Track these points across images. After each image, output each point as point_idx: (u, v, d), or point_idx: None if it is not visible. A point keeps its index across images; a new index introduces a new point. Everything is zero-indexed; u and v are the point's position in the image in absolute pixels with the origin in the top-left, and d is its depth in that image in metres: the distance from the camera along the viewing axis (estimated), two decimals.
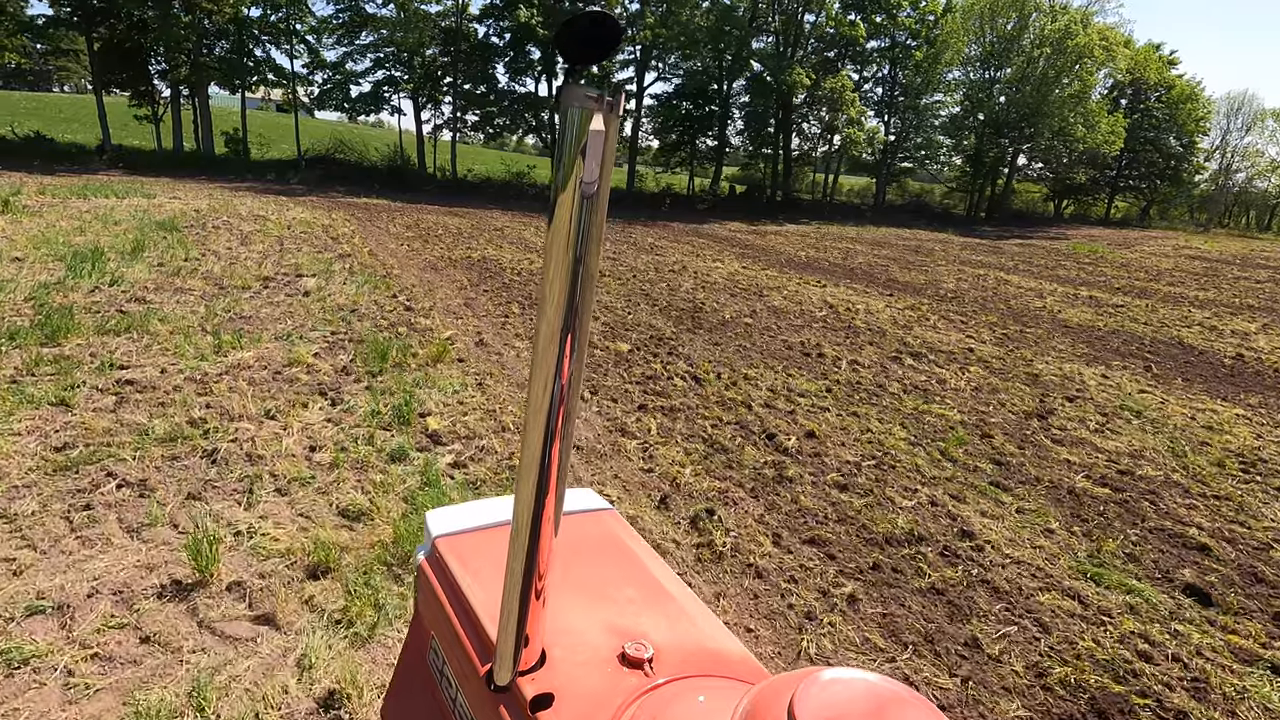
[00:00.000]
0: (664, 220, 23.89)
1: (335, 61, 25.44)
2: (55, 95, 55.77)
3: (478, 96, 26.35)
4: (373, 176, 25.41)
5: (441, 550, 1.24)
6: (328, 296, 7.18)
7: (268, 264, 8.52)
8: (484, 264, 10.63)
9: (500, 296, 8.34)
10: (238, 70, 24.12)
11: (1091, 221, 38.98)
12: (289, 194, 19.78)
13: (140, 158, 23.47)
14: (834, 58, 30.36)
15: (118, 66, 23.81)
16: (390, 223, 15.09)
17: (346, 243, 11.15)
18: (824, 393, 5.88)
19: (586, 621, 1.07)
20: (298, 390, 4.52)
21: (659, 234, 18.47)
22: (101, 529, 2.81)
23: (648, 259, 13.12)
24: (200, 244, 9.51)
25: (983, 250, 22.28)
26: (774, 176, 32.14)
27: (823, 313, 9.47)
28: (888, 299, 10.98)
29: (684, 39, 25.00)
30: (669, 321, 7.95)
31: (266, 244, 10.11)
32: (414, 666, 1.33)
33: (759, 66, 29.00)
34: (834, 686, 0.68)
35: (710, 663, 1.01)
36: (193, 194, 16.80)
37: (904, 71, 31.11)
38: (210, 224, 11.54)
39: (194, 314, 6.01)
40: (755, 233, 22.54)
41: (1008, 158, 34.13)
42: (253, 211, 13.94)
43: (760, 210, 30.28)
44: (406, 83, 24.87)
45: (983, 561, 3.42)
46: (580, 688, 0.94)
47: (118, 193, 14.94)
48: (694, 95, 28.93)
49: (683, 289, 10.18)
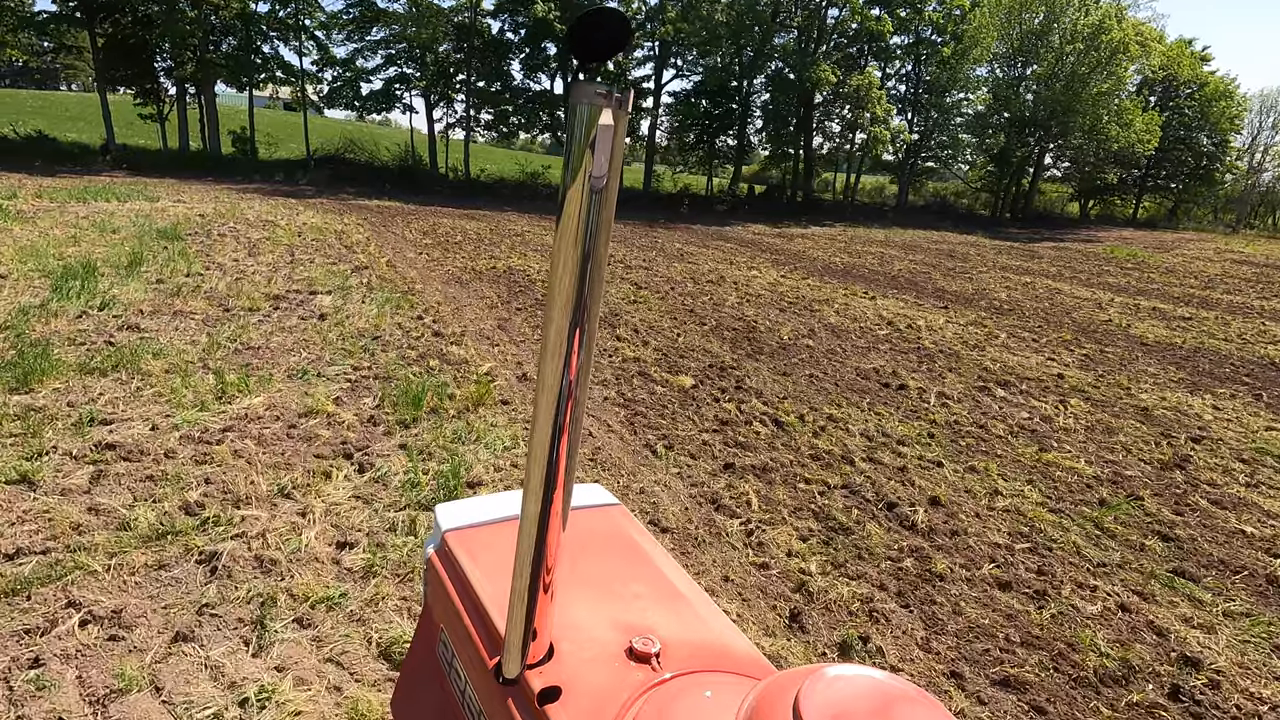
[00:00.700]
0: (684, 222, 23.03)
1: (345, 58, 24.65)
2: (62, 94, 55.27)
3: (491, 94, 25.50)
4: (383, 177, 24.63)
5: (451, 544, 1.24)
6: (346, 319, 6.36)
7: (278, 279, 7.71)
8: (511, 276, 9.80)
9: (536, 316, 7.51)
10: (245, 67, 23.36)
11: (1119, 222, 37.90)
12: (298, 196, 19.00)
13: (145, 158, 22.74)
14: (855, 54, 29.42)
15: (122, 63, 23.08)
16: (406, 228, 14.28)
17: (362, 252, 10.34)
18: (926, 438, 5.03)
19: (594, 616, 1.07)
20: (318, 451, 3.69)
21: (684, 238, 17.61)
22: (51, 703, 1.98)
23: (681, 268, 12.27)
24: (204, 255, 8.71)
25: (1018, 254, 21.37)
26: (794, 177, 31.21)
27: (884, 330, 8.61)
28: (944, 313, 10.12)
29: (705, 34, 24.10)
30: (725, 345, 7.10)
31: (276, 254, 9.30)
32: (423, 659, 1.32)
33: (781, 63, 28.09)
34: (839, 683, 0.68)
35: (717, 658, 1.01)
36: (198, 196, 16.04)
37: (929, 68, 30.13)
38: (215, 231, 10.75)
39: (194, 345, 5.19)
40: (781, 236, 21.66)
41: (1034, 157, 33.11)
42: (261, 216, 13.16)
43: (781, 211, 29.37)
44: (419, 80, 24.05)
45: (1228, 709, 2.57)
46: (587, 682, 0.94)
47: (119, 196, 14.18)
48: (713, 93, 28.03)
49: (728, 304, 9.33)
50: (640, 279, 10.63)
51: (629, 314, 8.08)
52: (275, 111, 56.47)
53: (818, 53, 26.82)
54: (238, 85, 24.24)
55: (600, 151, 0.67)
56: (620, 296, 9.12)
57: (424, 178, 25.46)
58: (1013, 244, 25.04)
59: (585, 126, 0.66)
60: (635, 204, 27.45)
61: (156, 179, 19.77)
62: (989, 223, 33.79)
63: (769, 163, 31.43)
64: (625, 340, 6.85)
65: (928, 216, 32.74)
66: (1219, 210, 44.61)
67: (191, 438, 3.69)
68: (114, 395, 4.12)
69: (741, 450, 4.45)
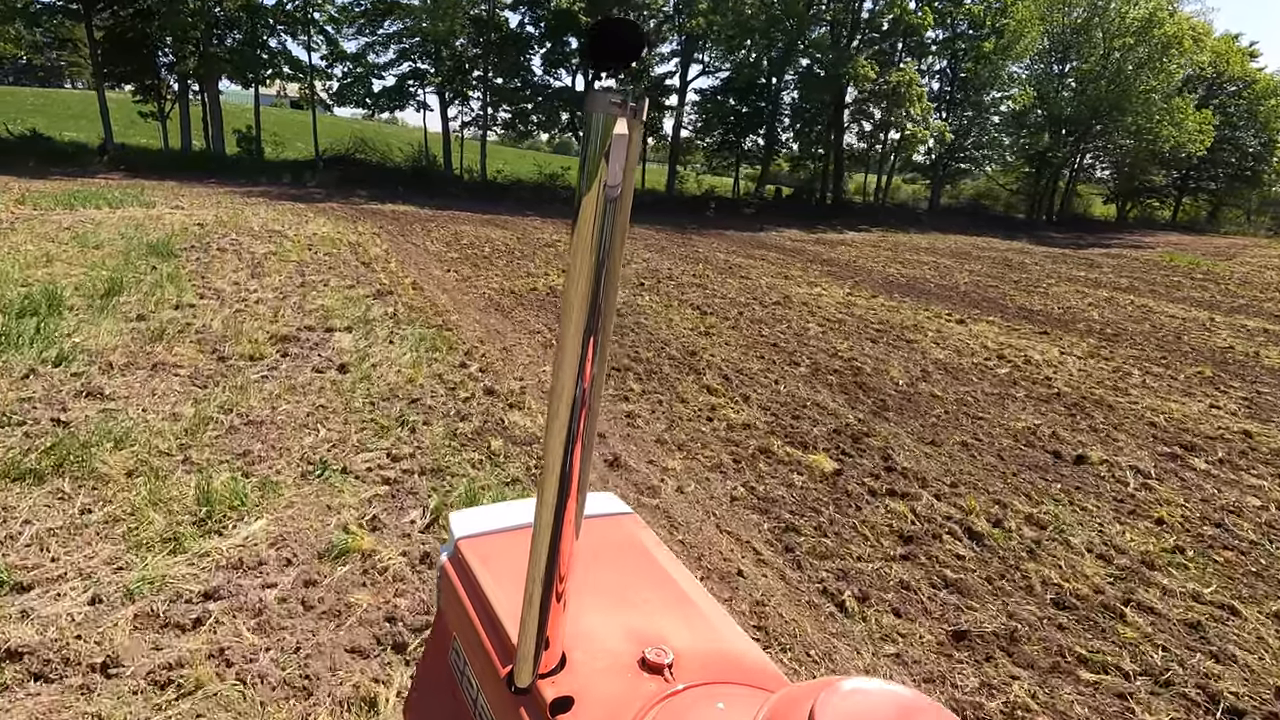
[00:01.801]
0: (714, 227, 21.64)
1: (356, 53, 23.32)
2: (65, 92, 54.16)
3: (510, 91, 24.13)
4: (395, 178, 23.30)
5: (464, 551, 1.23)
6: (373, 371, 5.01)
7: (286, 311, 6.36)
8: (556, 301, 8.44)
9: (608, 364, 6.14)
10: (251, 63, 22.05)
11: (1158, 226, 36.32)
12: (307, 200, 17.69)
13: (145, 158, 21.46)
14: (887, 50, 27.94)
15: (121, 58, 21.81)
16: (426, 237, 12.93)
17: (382, 269, 8.99)
18: (1175, 557, 3.64)
19: (607, 625, 1.06)
20: (353, 641, 2.33)
21: (723, 246, 16.22)
22: None
23: (736, 285, 10.89)
24: (199, 278, 7.37)
25: (1075, 263, 19.95)
26: (824, 178, 29.78)
27: (1001, 368, 7.22)
28: (1049, 340, 8.74)
29: (736, 28, 22.68)
30: (839, 397, 5.71)
31: (284, 275, 7.96)
32: (436, 666, 1.31)
33: (810, 59, 26.64)
34: (854, 696, 0.67)
35: (730, 669, 0.99)
36: (199, 201, 14.73)
37: (966, 64, 28.64)
38: (215, 245, 9.42)
39: (174, 422, 3.84)
40: (821, 242, 20.26)
41: (1073, 158, 31.61)
42: (266, 225, 11.83)
43: (811, 215, 27.95)
44: (434, 76, 22.69)
45: None
46: (600, 692, 0.93)
47: (111, 201, 12.88)
48: (741, 90, 26.62)
49: (810, 333, 7.95)
50: (698, 300, 9.25)
51: (706, 350, 6.70)
52: (281, 110, 55.13)
53: (851, 47, 25.37)
54: (243, 81, 22.93)
55: (615, 160, 0.67)
56: (687, 325, 7.74)
57: (438, 179, 24.13)
58: (1063, 250, 23.58)
59: (600, 135, 0.66)
60: (660, 207, 26.05)
61: (156, 181, 18.49)
62: (1026, 226, 32.27)
63: (797, 164, 29.98)
64: (719, 393, 5.47)
65: (962, 219, 31.25)
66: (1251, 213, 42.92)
67: (151, 620, 2.33)
68: (43, 527, 2.76)
69: (955, 594, 3.07)
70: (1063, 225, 33.24)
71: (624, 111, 0.66)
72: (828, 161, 29.28)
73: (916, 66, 28.26)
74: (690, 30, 23.00)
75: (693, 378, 5.81)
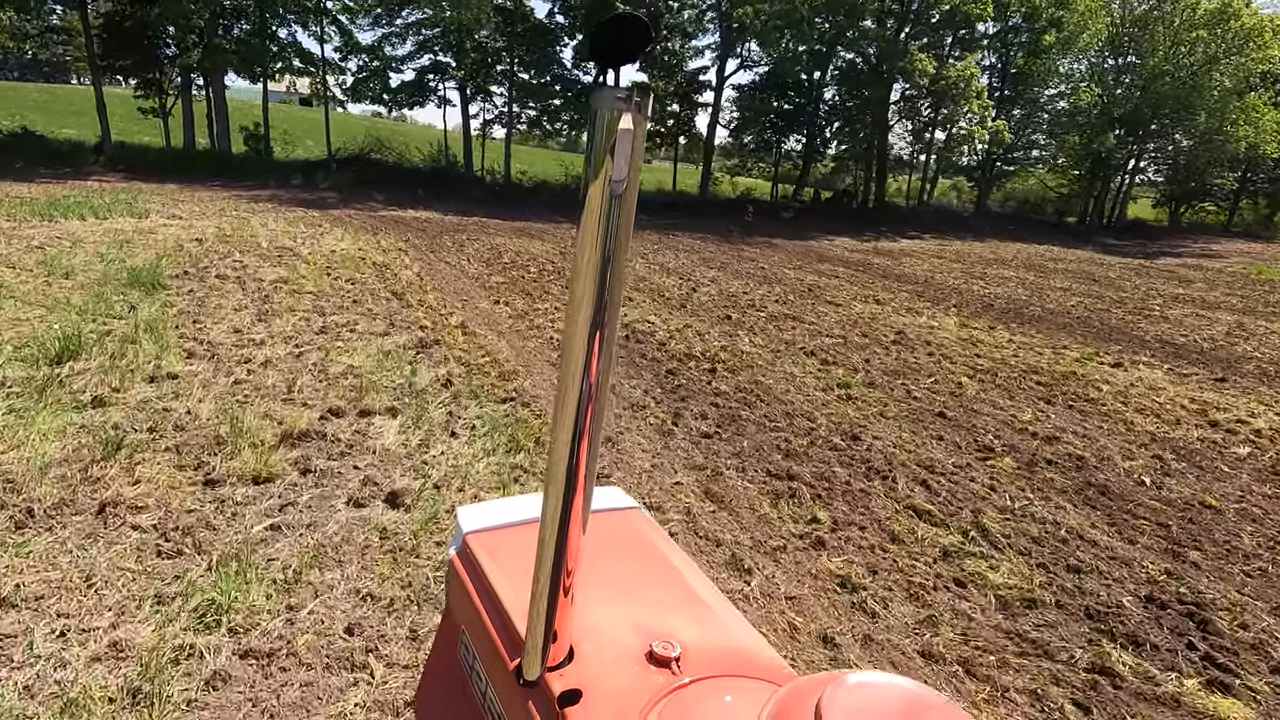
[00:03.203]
0: (759, 234, 19.87)
1: (372, 45, 21.60)
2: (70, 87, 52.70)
3: (538, 87, 22.36)
4: (413, 180, 21.59)
5: (472, 546, 1.23)
6: (439, 499, 3.28)
7: (304, 379, 4.64)
8: (640, 344, 6.69)
9: (757, 463, 4.37)
10: (258, 55, 20.34)
11: (1213, 231, 34.29)
12: (320, 205, 16.01)
13: (144, 158, 19.83)
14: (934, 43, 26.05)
15: (120, 50, 20.16)
16: (460, 253, 11.22)
17: (418, 302, 7.27)
18: None
19: (614, 619, 1.06)
20: None
21: (784, 259, 14.43)
22: None
23: (833, 315, 9.13)
24: (189, 323, 5.67)
25: (1159, 276, 18.15)
26: (867, 179, 27.94)
27: (1240, 447, 5.45)
28: (1240, 392, 6.94)
29: (784, 17, 20.85)
30: (1099, 520, 3.95)
31: (299, 315, 6.25)
32: (445, 659, 1.30)
33: (856, 53, 24.80)
34: (861, 689, 0.67)
35: (737, 663, 0.99)
36: (200, 207, 13.07)
37: (1021, 58, 26.73)
38: (214, 270, 7.72)
39: (112, 671, 2.12)
40: (879, 252, 18.47)
41: (1132, 159, 29.68)
42: (276, 240, 10.13)
43: (852, 218, 26.13)
44: (455, 70, 20.93)
45: None
46: (608, 685, 0.93)
47: (99, 209, 11.21)
48: (784, 86, 24.81)
49: (969, 393, 6.17)
50: (805, 340, 7.49)
51: (864, 430, 4.94)
52: (290, 107, 53.41)
53: (904, 39, 23.50)
54: (250, 76, 21.25)
55: (620, 155, 0.68)
56: (816, 385, 5.98)
57: (458, 181, 22.42)
58: (1138, 261, 21.70)
59: (606, 131, 0.67)
60: (694, 211, 24.28)
61: (155, 183, 16.85)
62: (1079, 232, 30.32)
63: (838, 164, 28.14)
64: (939, 520, 3.71)
65: (1011, 224, 29.32)
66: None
67: None
68: None
69: None
70: (1118, 231, 31.29)
71: (629, 107, 0.66)
72: (870, 162, 27.45)
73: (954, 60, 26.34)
74: (739, 18, 21.16)
75: (883, 488, 4.06)
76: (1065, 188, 31.53)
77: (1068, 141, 26.41)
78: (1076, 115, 26.37)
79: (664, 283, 10.26)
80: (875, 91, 23.32)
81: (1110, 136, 25.71)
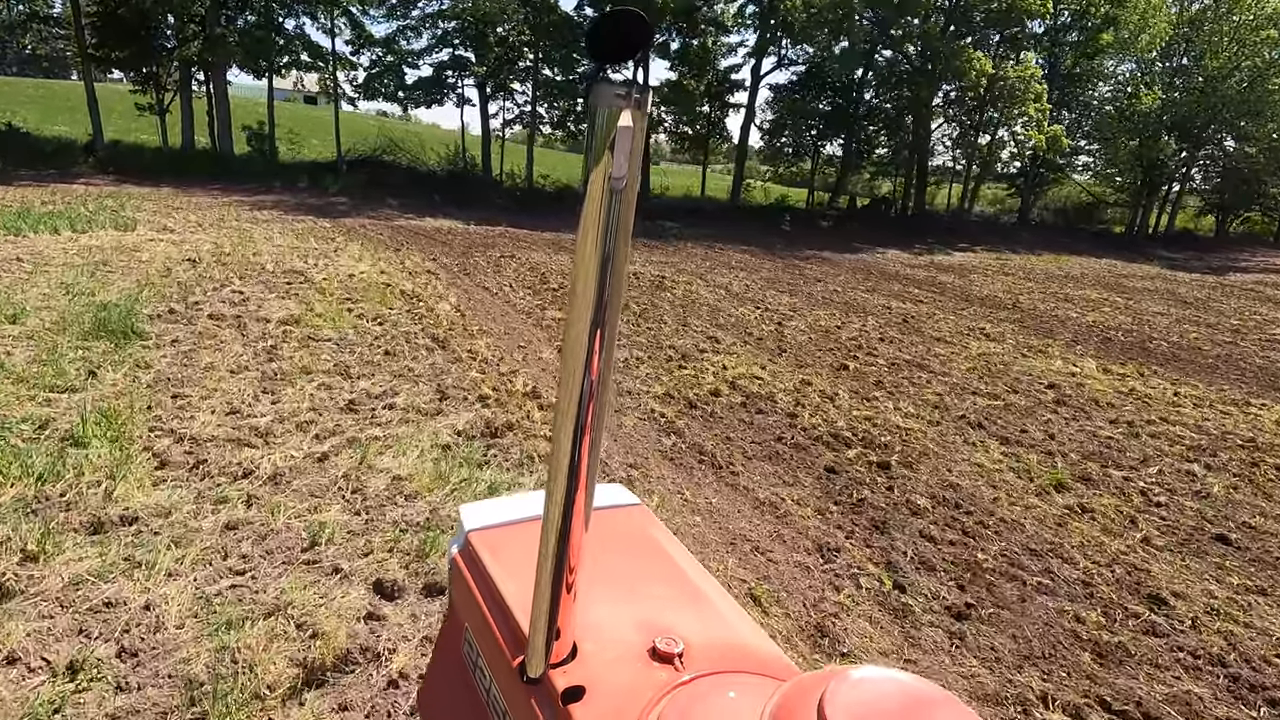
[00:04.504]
0: (805, 246, 18.26)
1: (387, 38, 20.01)
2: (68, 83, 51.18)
3: (564, 85, 20.75)
4: (428, 184, 20.02)
5: (475, 544, 1.23)
6: None
7: (331, 524, 3.04)
8: (763, 414, 5.09)
9: (1081, 687, 2.77)
10: (263, 48, 18.75)
11: (1265, 242, 32.63)
12: (330, 212, 14.43)
13: (139, 159, 18.26)
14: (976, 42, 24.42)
15: (115, 41, 18.60)
16: (498, 274, 9.62)
17: (468, 354, 5.66)
18: None
19: (617, 616, 1.06)
20: None
21: (850, 280, 12.80)
22: None
23: (959, 359, 7.53)
24: (168, 398, 4.06)
25: (1244, 295, 16.62)
26: (906, 186, 26.32)
27: None
28: None
29: (835, 8, 19.23)
30: None
31: (317, 380, 4.64)
32: (449, 657, 1.30)
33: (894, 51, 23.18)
34: (864, 685, 0.67)
35: (740, 659, 0.99)
36: (196, 216, 11.49)
37: (1070, 58, 25.12)
38: (207, 305, 6.13)
39: None
40: (940, 267, 16.86)
41: (1187, 166, 28.05)
42: (283, 260, 8.54)
43: (892, 227, 24.51)
44: (476, 65, 19.32)
45: None
46: (611, 681, 0.93)
47: (78, 220, 9.62)
48: (825, 87, 23.21)
49: (1216, 494, 4.55)
50: (951, 399, 5.87)
51: (1169, 583, 3.35)
52: (296, 105, 51.67)
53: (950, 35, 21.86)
54: (255, 71, 19.66)
55: (620, 152, 0.67)
56: (1019, 482, 4.36)
57: (477, 186, 20.82)
58: (1211, 277, 20.08)
59: (605, 128, 0.66)
60: (726, 219, 22.68)
61: (149, 187, 15.28)
62: (1127, 243, 28.69)
63: (878, 170, 26.53)
64: None
65: (1056, 235, 27.66)
66: None
67: None
68: None
69: None
70: (1166, 242, 29.64)
71: (628, 104, 0.65)
72: (910, 168, 25.84)
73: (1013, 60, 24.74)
74: (784, 11, 19.55)
75: None
76: (1112, 196, 29.88)
77: (1123, 147, 24.77)
78: (1132, 119, 24.74)
79: (743, 315, 8.65)
80: (924, 92, 21.70)
81: (1170, 142, 24.07)
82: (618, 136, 0.65)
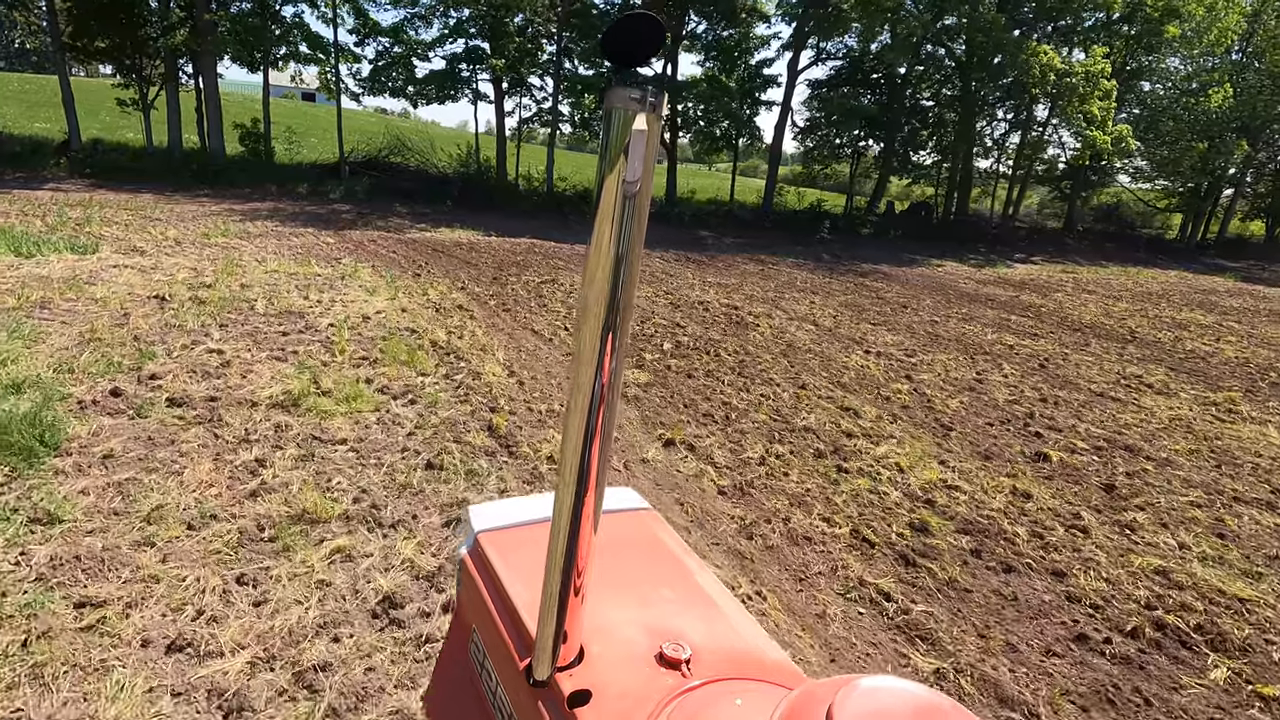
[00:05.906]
0: (861, 259, 16.46)
1: (394, 27, 18.14)
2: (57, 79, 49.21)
3: (590, 81, 18.90)
4: (440, 188, 18.20)
5: (483, 545, 1.20)
6: None
7: None
8: (988, 562, 3.33)
9: None
10: (259, 38, 16.87)
11: None
12: (333, 223, 12.61)
13: (119, 160, 16.42)
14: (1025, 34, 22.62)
15: (93, 28, 16.74)
16: (545, 309, 7.80)
17: (539, 451, 3.88)
18: None
19: (625, 620, 1.04)
20: None
21: (930, 304, 10.97)
22: None
23: (1154, 430, 5.74)
24: (68, 605, 2.26)
25: None
26: (949, 190, 24.53)
27: None
28: None
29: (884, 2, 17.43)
30: None
31: (325, 547, 2.84)
32: (456, 658, 1.28)
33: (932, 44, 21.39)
34: (873, 694, 0.66)
35: (748, 665, 0.97)
36: (177, 230, 9.67)
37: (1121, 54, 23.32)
38: (168, 379, 4.32)
39: None
40: (1007, 283, 15.09)
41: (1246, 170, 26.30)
42: (279, 294, 6.71)
43: (935, 235, 22.74)
44: (494, 58, 17.46)
45: None
46: (617, 686, 0.92)
47: (24, 241, 7.78)
48: (865, 83, 21.40)
49: None
50: (1201, 515, 4.09)
51: None
52: (293, 102, 49.58)
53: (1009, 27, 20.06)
54: (249, 63, 17.78)
55: (634, 155, 0.66)
56: None
57: (493, 190, 19.00)
58: None
59: (619, 131, 0.65)
60: (758, 226, 20.89)
61: (127, 193, 13.45)
62: (1181, 250, 26.95)
63: (923, 173, 24.72)
64: None
65: (1114, 243, 25.90)
66: None
67: None
68: None
69: None
70: (1220, 249, 27.91)
71: (643, 107, 0.64)
72: (955, 171, 24.04)
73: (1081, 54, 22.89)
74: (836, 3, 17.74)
75: None
76: (1163, 201, 28.12)
77: (1188, 150, 22.99)
78: (1200, 120, 22.96)
79: (860, 366, 6.84)
80: (981, 88, 19.89)
81: (1243, 144, 22.29)
82: (632, 140, 0.65)
